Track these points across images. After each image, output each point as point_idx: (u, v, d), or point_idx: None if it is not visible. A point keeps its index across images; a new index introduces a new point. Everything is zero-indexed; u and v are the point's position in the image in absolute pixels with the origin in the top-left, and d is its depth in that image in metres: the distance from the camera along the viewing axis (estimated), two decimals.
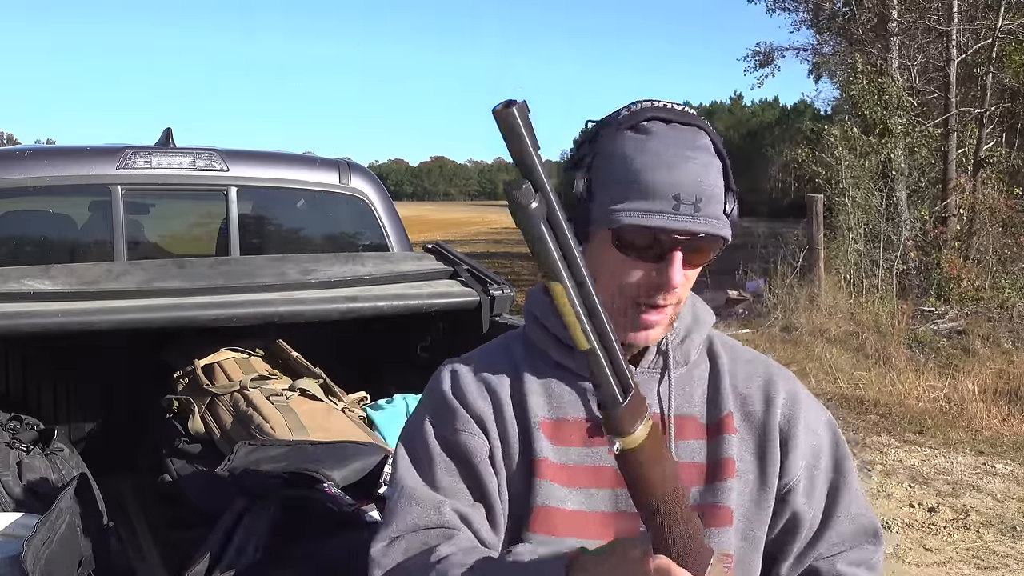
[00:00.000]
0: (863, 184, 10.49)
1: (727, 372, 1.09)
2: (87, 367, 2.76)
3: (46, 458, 2.03)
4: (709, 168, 0.96)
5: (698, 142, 0.97)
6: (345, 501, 1.86)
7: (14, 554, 1.47)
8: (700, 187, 0.94)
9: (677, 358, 1.07)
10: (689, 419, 1.05)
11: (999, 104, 11.92)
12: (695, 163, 0.95)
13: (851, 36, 13.09)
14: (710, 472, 1.04)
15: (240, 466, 1.96)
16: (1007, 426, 5.98)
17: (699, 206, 0.94)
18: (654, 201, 0.93)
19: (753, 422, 1.07)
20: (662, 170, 0.94)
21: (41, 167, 2.65)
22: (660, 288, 0.96)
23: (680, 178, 0.93)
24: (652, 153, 0.95)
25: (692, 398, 1.07)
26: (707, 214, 0.94)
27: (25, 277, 2.17)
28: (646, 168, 0.94)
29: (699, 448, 1.05)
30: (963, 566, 3.79)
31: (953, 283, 9.86)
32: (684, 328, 1.08)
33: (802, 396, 1.10)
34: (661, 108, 0.98)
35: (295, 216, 3.21)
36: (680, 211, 0.93)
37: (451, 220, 40.64)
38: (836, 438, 1.11)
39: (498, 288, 2.54)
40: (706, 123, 1.00)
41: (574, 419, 1.03)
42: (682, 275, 0.96)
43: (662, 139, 0.96)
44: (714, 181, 0.96)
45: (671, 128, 0.97)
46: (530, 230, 0.69)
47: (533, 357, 1.07)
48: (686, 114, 0.99)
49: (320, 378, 2.53)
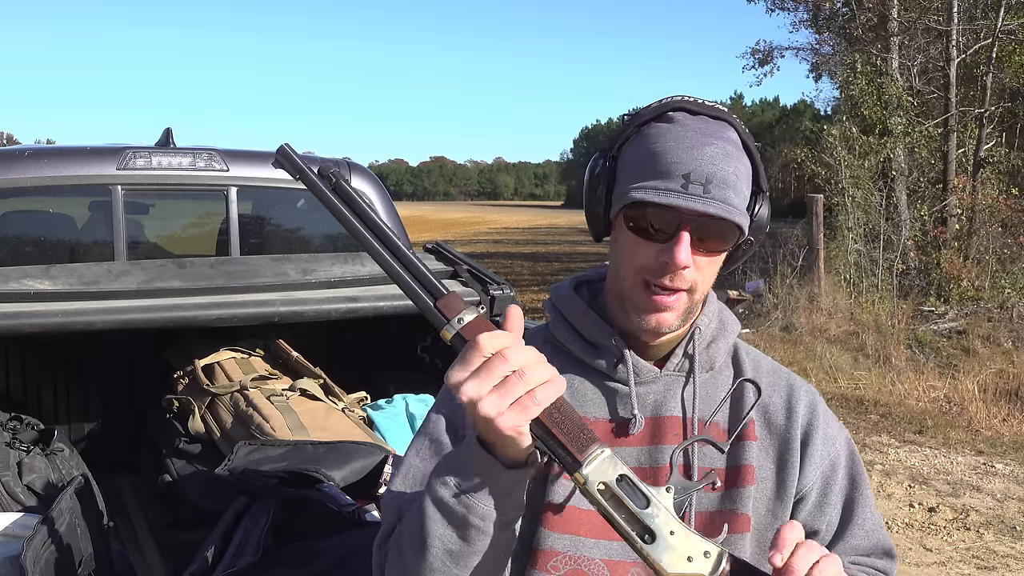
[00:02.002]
0: (863, 184, 10.49)
1: None
2: (87, 367, 2.76)
3: (46, 458, 2.03)
4: (729, 157, 0.96)
5: (722, 133, 0.97)
6: (345, 501, 1.86)
7: (14, 554, 1.47)
8: (713, 169, 0.94)
9: (703, 362, 1.06)
10: (712, 424, 1.05)
11: (999, 104, 11.91)
12: (712, 148, 0.95)
13: (851, 36, 13.08)
14: (730, 478, 1.04)
15: (240, 466, 1.96)
16: (1007, 426, 5.99)
17: (709, 188, 0.93)
18: (664, 180, 0.94)
19: (774, 431, 1.07)
20: (676, 151, 0.94)
21: (41, 167, 2.65)
22: (667, 267, 0.96)
23: (692, 158, 0.94)
24: (671, 138, 0.95)
25: (715, 403, 1.06)
26: (717, 197, 0.94)
27: (25, 277, 2.17)
28: (662, 150, 0.95)
29: (719, 454, 1.04)
30: (963, 566, 3.79)
31: (953, 283, 9.86)
32: (711, 333, 1.08)
33: (822, 410, 1.11)
34: (690, 101, 0.99)
35: (295, 216, 3.21)
36: (689, 190, 0.93)
37: (451, 220, 40.65)
38: (853, 454, 1.12)
39: (498, 288, 2.54)
40: (737, 121, 1.00)
41: (595, 419, 1.03)
42: (689, 256, 0.95)
43: (684, 126, 0.96)
44: (733, 169, 0.95)
45: (697, 119, 0.97)
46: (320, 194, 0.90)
47: (556, 354, 1.06)
48: (716, 108, 0.99)
49: (320, 378, 2.53)
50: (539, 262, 18.35)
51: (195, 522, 1.97)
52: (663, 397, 1.05)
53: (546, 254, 20.49)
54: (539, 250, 21.98)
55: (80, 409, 2.80)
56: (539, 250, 21.98)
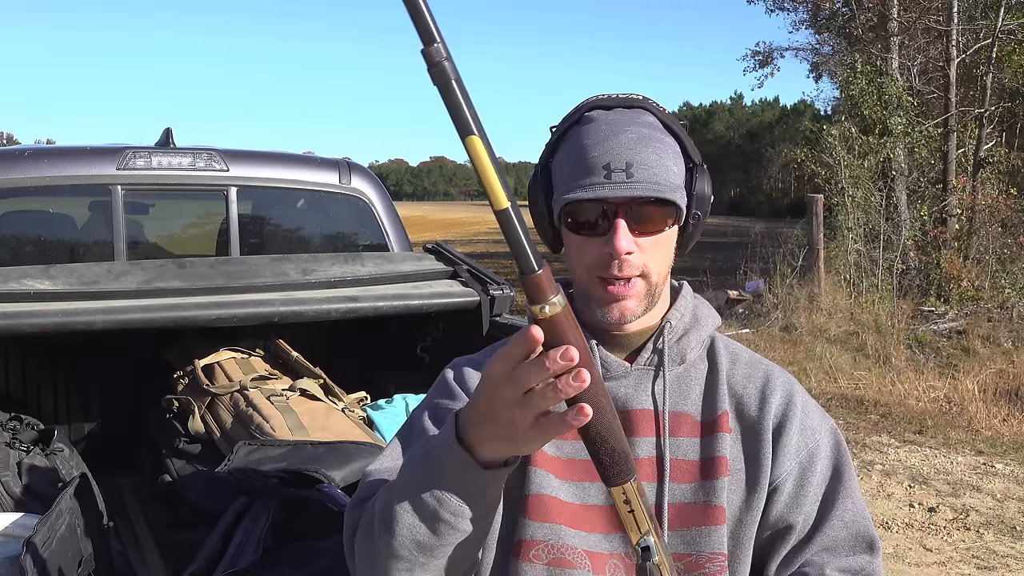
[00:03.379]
0: (863, 184, 10.50)
1: (725, 373, 1.09)
2: (87, 367, 2.76)
3: (46, 458, 2.03)
4: (647, 139, 0.99)
5: (637, 119, 1.01)
6: (345, 501, 1.86)
7: (14, 554, 1.47)
8: (631, 154, 0.97)
9: (673, 356, 1.07)
10: (684, 416, 1.06)
11: (999, 104, 11.92)
12: (626, 134, 0.98)
13: (851, 36, 13.09)
14: (703, 470, 1.04)
15: (240, 466, 1.96)
16: (1007, 426, 5.99)
17: (631, 172, 0.96)
18: (589, 175, 0.97)
19: (747, 422, 1.07)
20: (594, 146, 0.98)
21: (41, 167, 2.65)
22: (609, 257, 0.98)
23: (609, 148, 0.97)
24: (588, 136, 0.99)
25: (688, 396, 1.07)
26: (641, 179, 0.97)
27: (25, 277, 2.17)
28: (582, 149, 0.99)
29: (693, 446, 1.05)
30: (963, 566, 3.79)
31: (953, 283, 9.87)
32: (682, 327, 1.09)
33: (799, 399, 1.10)
34: (602, 98, 1.03)
35: (295, 216, 3.21)
36: (612, 179, 0.96)
37: (451, 220, 40.65)
38: (838, 445, 1.10)
39: (498, 288, 2.54)
40: (651, 103, 1.03)
41: None
42: (631, 242, 0.97)
43: (599, 122, 1.00)
44: (653, 150, 0.99)
45: (611, 112, 1.01)
46: (446, 85, 0.66)
47: None
48: (627, 99, 1.03)
49: (320, 378, 2.53)
50: None
51: (195, 522, 1.97)
52: (633, 391, 1.05)
53: (546, 254, 20.41)
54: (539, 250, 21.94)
55: (80, 409, 2.80)
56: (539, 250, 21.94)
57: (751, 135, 54.33)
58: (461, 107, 0.67)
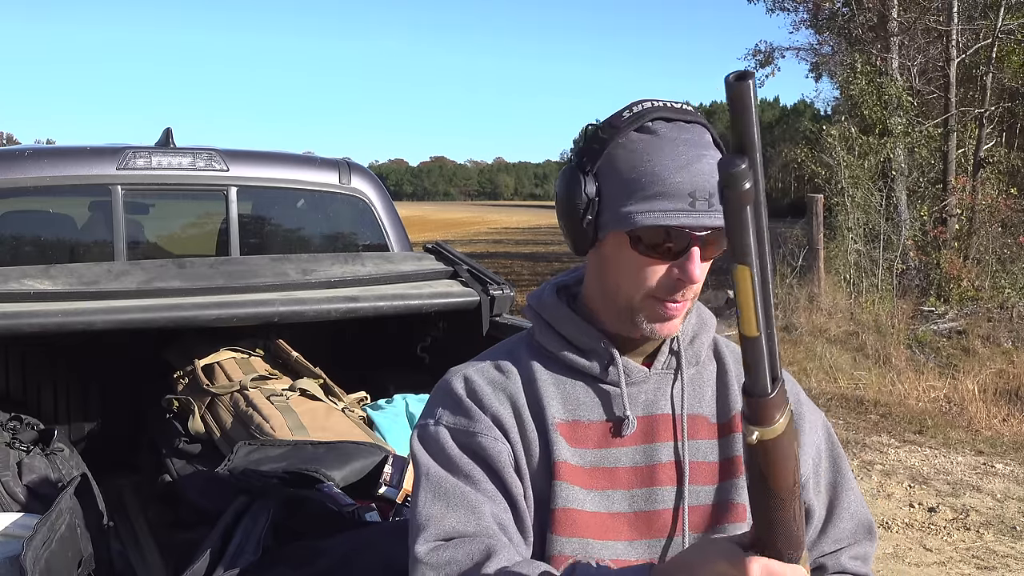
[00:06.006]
0: (863, 184, 10.49)
1: (734, 373, 1.11)
2: (87, 367, 2.76)
3: (46, 458, 2.03)
4: (715, 165, 0.97)
5: (703, 139, 0.99)
6: (345, 501, 1.86)
7: (14, 554, 1.47)
8: (713, 183, 0.96)
9: (689, 358, 1.08)
10: (701, 419, 1.07)
11: (999, 104, 11.91)
12: (705, 161, 0.97)
13: (851, 36, 13.09)
14: (723, 470, 1.06)
15: (240, 466, 1.96)
16: (1007, 426, 5.98)
17: (711, 201, 0.96)
18: (671, 200, 0.95)
19: None
20: (675, 170, 0.96)
21: (41, 167, 2.65)
22: (681, 284, 0.98)
23: (694, 177, 0.96)
24: (662, 153, 0.97)
25: (703, 398, 1.09)
26: (717, 207, 0.96)
27: (25, 277, 2.17)
28: (659, 169, 0.96)
29: (711, 447, 1.06)
30: (963, 566, 3.79)
31: (953, 283, 9.86)
32: (692, 329, 1.10)
33: (803, 397, 1.14)
34: (663, 107, 1.00)
35: (295, 216, 3.21)
36: (696, 207, 0.95)
37: (451, 220, 40.65)
38: (831, 437, 1.15)
39: (498, 288, 2.54)
40: (704, 119, 1.02)
41: (589, 421, 1.04)
42: (703, 270, 0.99)
43: (669, 139, 0.98)
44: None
45: (675, 127, 0.99)
46: (736, 211, 0.65)
47: (543, 359, 1.07)
48: (687, 112, 1.01)
49: (320, 378, 2.53)
50: (539, 262, 18.34)
51: (195, 522, 1.97)
52: (654, 396, 1.06)
53: (546, 254, 20.47)
54: (539, 250, 21.97)
55: (80, 409, 2.80)
56: (539, 250, 21.97)
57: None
58: (747, 235, 0.66)
